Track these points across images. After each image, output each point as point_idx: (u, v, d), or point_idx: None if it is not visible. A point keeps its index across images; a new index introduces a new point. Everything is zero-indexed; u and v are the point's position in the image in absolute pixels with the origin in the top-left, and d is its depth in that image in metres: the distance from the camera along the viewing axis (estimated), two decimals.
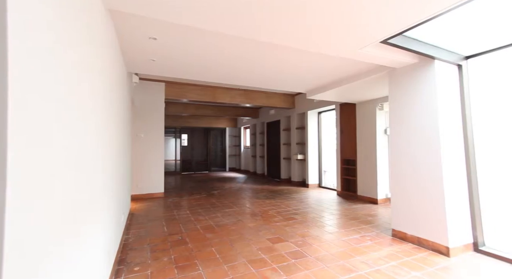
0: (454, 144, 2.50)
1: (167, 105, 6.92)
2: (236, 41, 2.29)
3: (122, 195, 2.84)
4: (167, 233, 2.99)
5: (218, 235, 2.94)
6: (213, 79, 3.59)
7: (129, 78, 3.45)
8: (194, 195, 5.48)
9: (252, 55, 2.67)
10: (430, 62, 2.49)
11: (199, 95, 5.60)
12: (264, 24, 1.82)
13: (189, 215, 3.79)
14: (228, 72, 3.26)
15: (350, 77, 3.44)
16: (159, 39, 2.21)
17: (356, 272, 2.06)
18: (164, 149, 5.50)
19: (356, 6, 1.60)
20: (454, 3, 1.52)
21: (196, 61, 2.81)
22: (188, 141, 10.76)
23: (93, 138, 1.34)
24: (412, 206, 2.67)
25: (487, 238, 2.47)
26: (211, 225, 3.32)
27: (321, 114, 6.52)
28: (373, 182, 4.56)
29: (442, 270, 2.10)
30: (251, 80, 3.71)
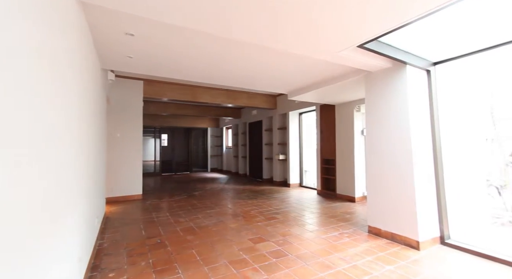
0: (424, 144, 2.67)
1: (146, 104, 6.68)
2: (217, 41, 2.27)
3: (96, 197, 2.70)
4: (145, 237, 2.89)
5: (199, 236, 2.89)
6: (194, 78, 3.53)
7: (104, 75, 3.29)
8: (174, 196, 5.34)
9: (233, 55, 2.66)
10: (402, 67, 2.64)
11: (179, 94, 5.48)
12: (243, 24, 1.82)
13: (168, 217, 3.68)
14: (209, 71, 3.22)
15: (329, 79, 3.55)
16: (136, 36, 2.13)
17: (334, 269, 2.12)
18: (143, 149, 5.31)
19: (334, 13, 1.65)
20: (422, 13, 1.62)
21: (175, 59, 2.75)
22: (168, 141, 10.47)
23: (63, 137, 1.26)
24: (386, 203, 2.81)
25: (452, 232, 2.66)
26: (191, 227, 3.25)
27: (302, 115, 6.65)
28: (351, 181, 4.74)
29: (413, 263, 2.23)
30: (233, 80, 3.69)
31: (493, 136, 4.28)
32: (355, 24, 1.81)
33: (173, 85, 5.38)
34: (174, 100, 5.69)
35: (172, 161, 10.21)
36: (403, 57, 2.47)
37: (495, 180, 4.22)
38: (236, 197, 5.23)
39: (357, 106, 4.67)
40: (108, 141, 4.60)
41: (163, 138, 10.45)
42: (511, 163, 3.97)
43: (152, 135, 10.14)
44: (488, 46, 2.27)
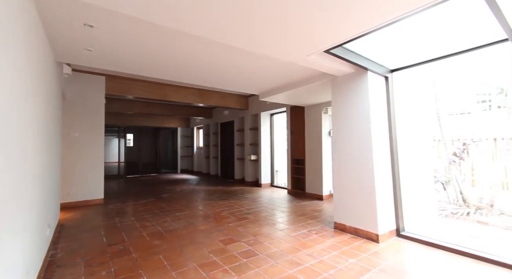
0: (382, 144, 2.90)
1: (109, 102, 6.23)
2: (186, 38, 2.21)
3: (47, 203, 2.43)
4: (107, 244, 2.68)
5: (167, 241, 2.77)
6: (162, 76, 3.38)
7: (58, 68, 2.98)
8: (141, 199, 5.05)
9: (204, 54, 2.61)
10: (364, 73, 2.84)
11: (146, 92, 5.20)
12: (215, 23, 1.79)
13: (134, 222, 3.47)
14: (179, 69, 3.12)
15: (299, 82, 3.67)
16: (96, 28, 1.97)
17: (302, 265, 2.20)
18: (105, 149, 4.94)
19: (303, 18, 1.71)
20: (381, 23, 1.76)
21: (141, 55, 2.60)
22: (134, 141, 9.89)
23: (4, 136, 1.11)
24: (350, 200, 2.99)
25: (406, 224, 2.93)
26: (159, 231, 3.11)
27: (273, 116, 6.77)
28: (319, 180, 4.95)
29: (373, 255, 2.40)
30: (204, 79, 3.62)
31: (439, 137, 4.81)
32: (322, 30, 1.90)
33: (140, 82, 5.09)
34: (141, 98, 5.38)
35: (138, 162, 9.65)
36: (365, 63, 2.66)
37: (441, 176, 4.75)
38: (207, 198, 5.13)
39: (325, 108, 4.90)
40: (64, 141, 4.19)
41: (129, 139, 9.84)
42: (453, 161, 4.50)
43: (116, 135, 9.48)
44: (435, 57, 2.55)
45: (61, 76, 3.23)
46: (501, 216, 3.88)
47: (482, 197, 4.22)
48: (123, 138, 9.41)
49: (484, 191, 4.23)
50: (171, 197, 5.28)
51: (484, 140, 4.40)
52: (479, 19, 1.85)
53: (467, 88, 4.86)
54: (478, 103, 4.67)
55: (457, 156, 4.45)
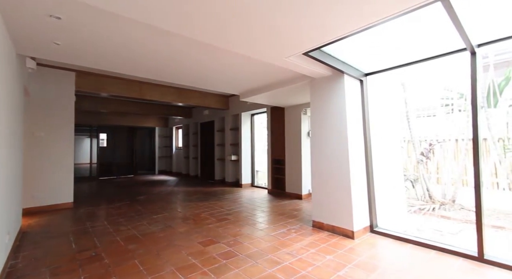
0: (357, 145, 3.03)
1: (80, 99, 5.86)
2: (162, 35, 2.14)
3: (6, 208, 2.23)
4: (76, 250, 2.52)
5: (143, 245, 2.67)
6: (137, 73, 3.24)
7: (20, 62, 2.75)
8: (115, 202, 4.81)
9: (183, 53, 2.55)
10: (341, 76, 2.96)
11: (122, 90, 4.97)
12: (187, 20, 1.76)
13: (107, 226, 3.30)
14: (155, 67, 3.01)
15: (278, 83, 3.72)
16: (64, 19, 1.85)
17: (282, 264, 2.23)
18: (75, 150, 4.64)
19: (281, 22, 1.74)
20: (354, 29, 1.85)
21: (114, 51, 2.48)
22: (108, 141, 9.39)
23: None
24: (327, 199, 3.09)
25: (379, 221, 3.09)
26: (134, 234, 2.98)
27: (254, 117, 6.79)
28: (298, 179, 5.05)
29: (348, 251, 2.50)
30: (183, 78, 3.54)
31: (409, 138, 5.13)
32: (301, 33, 1.94)
33: (114, 79, 4.84)
34: (116, 96, 5.14)
35: (112, 163, 9.17)
36: (341, 67, 2.76)
37: (410, 175, 5.07)
38: (186, 200, 5.01)
39: (304, 109, 5.01)
40: (28, 140, 3.87)
41: (102, 138, 9.32)
42: (421, 161, 4.83)
43: (88, 135, 8.94)
44: (404, 63, 2.72)
45: (23, 70, 2.98)
46: (462, 210, 4.24)
47: (445, 193, 4.57)
48: (96, 138, 8.90)
49: (447, 188, 4.59)
50: (148, 199, 5.09)
51: (448, 140, 4.78)
52: (443, 29, 2.00)
53: (432, 92, 5.24)
54: (442, 106, 5.06)
55: (424, 155, 4.78)
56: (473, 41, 2.10)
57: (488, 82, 4.35)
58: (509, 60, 4.44)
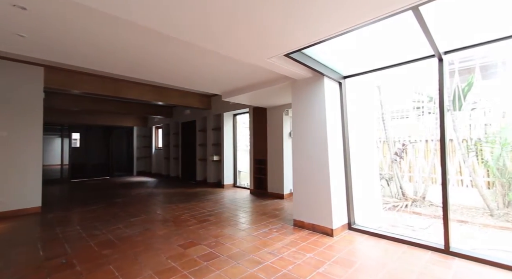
0: (336, 145, 3.13)
1: (50, 97, 5.48)
2: (140, 32, 2.06)
3: None
4: (44, 258, 2.36)
5: (119, 249, 2.56)
6: (113, 70, 3.10)
7: None
8: (89, 205, 4.56)
9: (159, 49, 2.48)
10: (321, 78, 3.04)
11: (97, 88, 4.72)
12: (167, 17, 1.72)
13: (79, 231, 3.12)
14: (132, 64, 2.89)
15: (261, 83, 3.74)
16: (30, 10, 1.72)
17: (263, 263, 2.24)
18: (45, 151, 4.33)
19: (263, 23, 1.75)
20: (335, 33, 1.91)
21: (86, 46, 2.34)
22: (82, 141, 8.87)
23: None
24: (308, 198, 3.16)
25: (356, 218, 3.21)
26: (110, 239, 2.85)
27: (236, 117, 6.77)
28: (280, 179, 5.11)
29: (328, 248, 2.58)
30: (162, 76, 3.44)
31: (384, 138, 5.40)
32: (282, 34, 1.97)
33: (88, 76, 4.59)
34: (90, 93, 4.87)
35: (86, 164, 8.69)
36: (321, 69, 2.84)
37: (385, 173, 5.33)
38: (166, 201, 4.88)
39: (286, 110, 5.09)
40: None
41: (74, 138, 8.80)
42: (395, 160, 5.10)
43: (59, 134, 8.40)
44: (379, 67, 2.85)
45: None
46: (431, 206, 4.53)
47: (417, 191, 4.87)
48: (68, 138, 8.38)
49: (418, 186, 4.89)
50: (126, 202, 4.88)
51: (419, 141, 5.08)
52: (415, 37, 2.12)
53: (405, 96, 5.56)
54: (414, 109, 5.38)
55: (398, 155, 5.05)
56: (440, 49, 2.26)
57: (454, 87, 4.69)
58: (471, 67, 4.83)
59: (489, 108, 4.56)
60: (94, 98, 6.60)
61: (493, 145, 4.10)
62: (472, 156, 4.43)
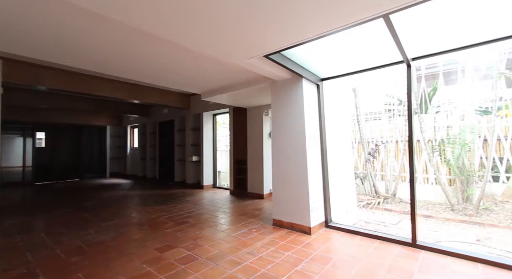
0: (314, 145, 3.22)
1: (10, 92, 5.01)
2: (107, 24, 1.96)
3: None
4: (1, 270, 2.15)
5: (89, 256, 2.41)
6: (83, 66, 2.90)
7: None
8: (55, 210, 4.24)
9: (134, 46, 2.37)
10: (300, 79, 3.10)
11: (65, 84, 4.40)
12: (145, 12, 1.66)
13: (44, 238, 2.89)
14: (103, 60, 2.74)
15: (241, 84, 3.73)
16: None
17: (242, 264, 2.24)
18: (3, 151, 3.95)
19: (243, 23, 1.75)
20: (314, 36, 1.97)
21: (51, 38, 2.17)
22: (47, 141, 8.22)
23: None
24: (287, 197, 3.21)
25: (333, 216, 3.32)
26: (78, 245, 2.67)
27: (216, 117, 6.69)
28: (260, 179, 5.14)
29: (306, 246, 2.64)
30: (139, 74, 3.29)
31: (359, 139, 5.65)
32: (262, 36, 1.99)
33: (55, 71, 4.26)
34: (58, 90, 4.53)
35: (52, 165, 8.08)
36: (300, 71, 2.90)
37: (360, 172, 5.58)
38: (142, 204, 4.68)
39: (266, 110, 5.13)
40: None
41: (39, 138, 8.12)
42: (369, 160, 5.36)
43: (20, 134, 7.69)
44: (354, 71, 2.98)
45: None
46: (401, 203, 4.83)
47: (388, 189, 5.16)
48: (31, 137, 7.72)
49: (389, 184, 5.18)
50: (97, 205, 4.61)
51: (390, 141, 5.39)
52: (386, 43, 2.25)
53: (378, 98, 5.87)
54: (386, 111, 5.70)
55: (371, 155, 5.32)
56: (408, 55, 2.42)
57: (421, 91, 5.05)
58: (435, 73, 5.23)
59: (451, 112, 4.97)
60: (63, 95, 6.14)
61: (454, 145, 4.47)
62: (436, 155, 4.79)
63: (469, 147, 4.33)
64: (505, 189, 4.28)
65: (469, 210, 4.06)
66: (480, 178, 4.25)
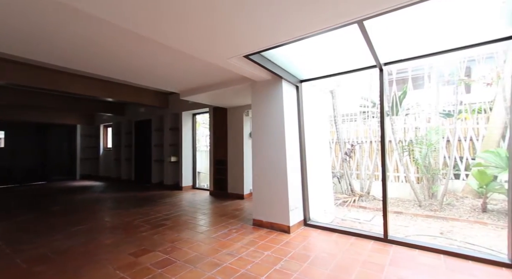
0: (294, 146, 3.28)
1: None
2: (78, 15, 1.85)
3: None
4: None
5: (56, 264, 2.24)
6: (49, 60, 2.70)
7: None
8: (18, 216, 3.90)
9: (108, 39, 2.25)
10: (279, 81, 3.15)
11: (29, 79, 4.06)
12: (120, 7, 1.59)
13: (1, 247, 2.64)
14: (74, 55, 2.57)
15: (221, 83, 3.70)
16: None
17: (221, 265, 2.22)
18: None
19: (221, 24, 1.74)
20: (286, 40, 2.01)
21: (15, 31, 2.01)
22: (7, 141, 7.52)
23: None
24: (267, 197, 3.24)
25: (311, 214, 3.41)
26: (43, 253, 2.48)
27: (196, 116, 6.57)
28: (240, 180, 5.13)
29: (285, 245, 2.68)
30: (113, 70, 3.13)
31: (336, 139, 5.85)
32: (242, 36, 1.99)
33: (15, 64, 3.91)
34: (19, 85, 4.15)
35: (13, 168, 7.41)
36: (280, 72, 2.94)
37: (337, 172, 5.78)
38: (117, 207, 4.46)
39: (246, 111, 5.13)
40: None
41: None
42: (345, 159, 5.57)
43: None
44: (331, 73, 3.09)
45: None
46: (374, 200, 5.08)
47: (363, 187, 5.40)
48: None
49: (364, 182, 5.43)
50: (66, 209, 4.31)
51: (365, 142, 5.65)
52: (361, 48, 2.35)
53: (354, 101, 6.13)
54: (361, 113, 5.97)
55: (348, 155, 5.54)
56: (381, 60, 2.56)
57: (392, 94, 5.36)
58: (405, 78, 5.59)
59: (419, 114, 5.33)
60: (25, 91, 5.66)
61: (421, 145, 4.80)
62: (406, 155, 5.11)
63: (434, 147, 4.67)
64: (465, 186, 4.68)
65: (434, 205, 4.38)
66: (444, 176, 4.60)
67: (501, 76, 4.35)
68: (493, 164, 3.88)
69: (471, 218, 3.88)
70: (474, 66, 5.47)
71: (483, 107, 4.92)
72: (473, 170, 4.29)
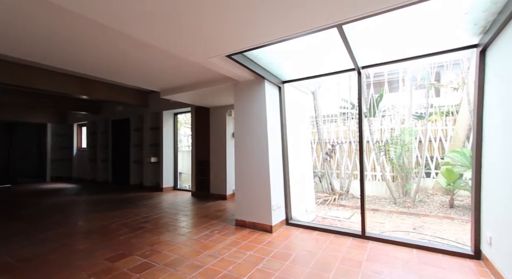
0: (276, 146, 3.31)
1: None
2: (51, 10, 1.74)
3: None
4: None
5: (21, 273, 2.09)
6: (20, 55, 2.52)
7: None
8: None
9: (83, 36, 2.14)
10: (262, 81, 3.17)
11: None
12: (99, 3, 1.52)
13: None
14: (48, 50, 2.42)
15: (203, 83, 3.64)
16: None
17: (203, 267, 2.19)
18: None
19: (203, 23, 1.72)
20: (268, 41, 2.03)
21: None
22: None
23: None
24: (249, 197, 3.24)
25: (293, 213, 3.47)
26: (7, 262, 2.29)
27: (177, 116, 6.42)
28: (223, 180, 5.09)
29: (267, 244, 2.70)
30: (85, 67, 2.97)
31: (317, 140, 5.99)
32: (223, 36, 1.97)
33: None
34: None
35: None
36: (262, 73, 2.96)
37: (318, 171, 5.92)
38: (92, 210, 4.24)
39: (229, 111, 5.10)
40: None
41: None
42: (326, 159, 5.72)
43: None
44: (312, 75, 3.17)
45: None
46: (353, 199, 5.27)
47: (343, 186, 5.58)
48: None
49: (343, 181, 5.61)
50: (34, 214, 4.02)
51: (344, 142, 5.84)
52: (341, 51, 2.43)
53: (334, 102, 6.32)
54: (341, 114, 6.17)
55: (328, 155, 5.69)
56: (359, 63, 2.66)
57: (370, 97, 5.59)
58: (382, 81, 5.85)
59: (394, 116, 5.61)
60: None
61: (396, 146, 5.05)
62: (382, 155, 5.35)
63: (408, 147, 4.94)
64: (435, 183, 5.00)
65: (408, 202, 4.64)
66: (416, 174, 4.89)
67: (466, 82, 4.71)
68: (459, 162, 4.18)
69: (440, 213, 4.15)
70: (443, 71, 5.87)
71: (451, 110, 5.29)
72: (442, 168, 4.59)
